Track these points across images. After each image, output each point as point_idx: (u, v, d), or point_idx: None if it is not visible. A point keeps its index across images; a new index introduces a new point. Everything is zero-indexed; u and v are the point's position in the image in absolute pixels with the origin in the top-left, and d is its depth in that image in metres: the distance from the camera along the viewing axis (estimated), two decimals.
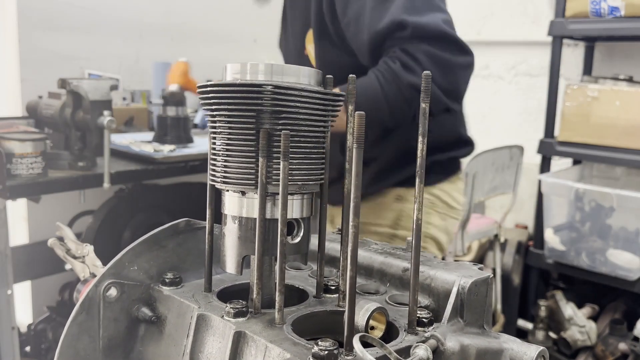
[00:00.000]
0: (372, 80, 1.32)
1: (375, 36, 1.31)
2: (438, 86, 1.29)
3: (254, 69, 0.66)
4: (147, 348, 0.73)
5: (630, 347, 2.25)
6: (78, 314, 0.70)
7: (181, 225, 0.78)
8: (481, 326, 0.67)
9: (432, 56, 1.27)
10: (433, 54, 1.27)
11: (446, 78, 1.29)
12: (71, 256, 0.91)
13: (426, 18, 1.27)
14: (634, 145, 2.25)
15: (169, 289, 0.73)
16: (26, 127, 1.79)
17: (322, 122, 0.67)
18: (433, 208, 1.57)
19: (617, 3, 2.26)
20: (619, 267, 2.28)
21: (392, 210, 1.54)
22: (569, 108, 2.40)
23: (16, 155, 1.60)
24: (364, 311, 0.60)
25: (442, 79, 1.29)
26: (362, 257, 0.78)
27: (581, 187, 2.35)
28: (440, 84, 1.29)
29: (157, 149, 2.02)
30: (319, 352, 0.53)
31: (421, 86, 0.61)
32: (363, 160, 0.54)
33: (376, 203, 1.55)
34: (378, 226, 1.56)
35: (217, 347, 0.64)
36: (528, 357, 0.61)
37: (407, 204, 1.54)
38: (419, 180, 0.60)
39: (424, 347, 0.57)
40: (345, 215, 0.69)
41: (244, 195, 0.66)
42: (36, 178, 1.64)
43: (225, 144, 0.66)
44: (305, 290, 0.74)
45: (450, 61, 1.29)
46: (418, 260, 0.61)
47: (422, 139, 0.60)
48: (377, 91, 1.31)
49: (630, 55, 2.76)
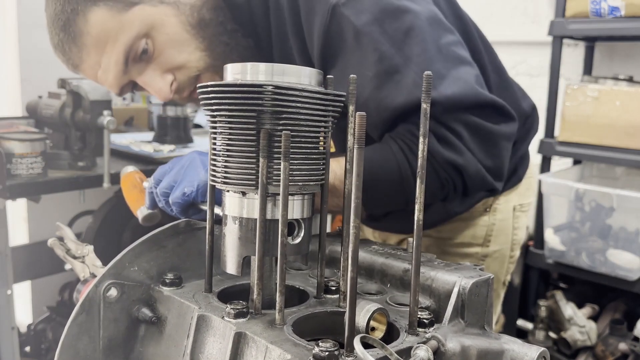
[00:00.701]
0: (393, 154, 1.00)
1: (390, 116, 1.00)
2: (482, 164, 1.01)
3: (255, 69, 0.66)
4: (147, 349, 0.73)
5: (631, 347, 2.25)
6: (78, 315, 0.69)
7: (181, 225, 0.78)
8: (482, 327, 0.67)
9: (473, 127, 0.99)
10: (474, 124, 0.99)
11: (490, 152, 1.02)
12: (71, 256, 0.91)
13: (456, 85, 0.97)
14: (634, 146, 2.25)
15: (169, 290, 0.73)
16: (26, 127, 1.79)
17: (322, 123, 0.67)
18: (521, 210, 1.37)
19: (617, 3, 2.26)
20: (619, 267, 2.28)
21: (481, 226, 1.30)
22: (569, 108, 2.39)
23: (16, 155, 1.60)
24: (365, 312, 0.60)
25: (486, 153, 1.02)
26: (362, 258, 0.78)
27: (581, 187, 2.35)
28: (483, 160, 1.01)
29: (157, 149, 2.02)
30: (320, 353, 0.53)
31: (423, 87, 0.61)
32: None
33: (462, 221, 1.29)
34: (467, 247, 1.31)
35: (218, 347, 0.64)
36: (529, 358, 0.61)
37: (497, 215, 1.30)
38: (419, 180, 0.60)
39: (425, 348, 0.57)
40: (345, 216, 0.69)
41: (245, 195, 0.66)
42: (36, 178, 1.64)
43: (225, 144, 0.66)
44: (306, 291, 0.74)
45: (493, 132, 1.01)
46: (419, 261, 0.60)
47: (422, 139, 0.60)
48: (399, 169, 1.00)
49: (631, 55, 2.76)
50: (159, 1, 1.05)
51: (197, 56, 1.08)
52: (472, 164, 1.00)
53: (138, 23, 1.03)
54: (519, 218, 1.35)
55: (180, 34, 1.07)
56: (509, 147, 1.06)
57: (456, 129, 0.98)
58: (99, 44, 1.04)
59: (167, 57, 1.07)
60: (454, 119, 0.98)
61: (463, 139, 0.99)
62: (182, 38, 1.07)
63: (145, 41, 1.05)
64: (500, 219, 1.30)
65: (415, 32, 0.97)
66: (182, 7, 1.07)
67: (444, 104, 0.96)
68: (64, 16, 1.04)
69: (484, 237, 1.31)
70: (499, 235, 1.32)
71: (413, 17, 0.98)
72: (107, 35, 1.03)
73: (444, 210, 1.24)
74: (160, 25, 1.05)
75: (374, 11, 0.97)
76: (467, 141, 0.99)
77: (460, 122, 0.98)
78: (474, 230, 1.30)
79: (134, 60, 1.06)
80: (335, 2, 0.97)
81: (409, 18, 0.97)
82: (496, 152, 1.03)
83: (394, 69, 0.96)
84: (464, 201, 1.24)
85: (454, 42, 1.03)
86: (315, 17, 0.99)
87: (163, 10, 1.05)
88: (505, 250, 1.34)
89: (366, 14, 0.97)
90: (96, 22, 1.03)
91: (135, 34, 1.03)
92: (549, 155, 2.53)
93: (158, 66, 1.09)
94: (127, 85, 1.13)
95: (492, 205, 1.29)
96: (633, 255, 2.26)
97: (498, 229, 1.31)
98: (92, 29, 1.03)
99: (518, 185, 1.32)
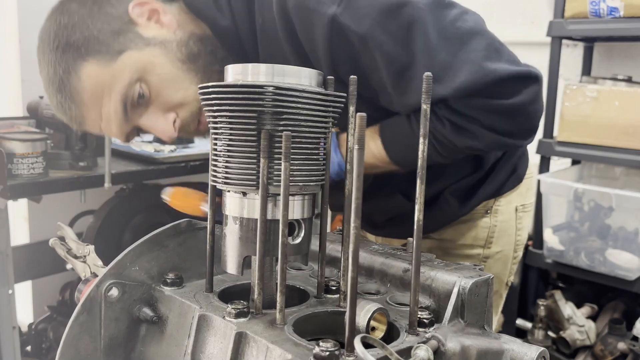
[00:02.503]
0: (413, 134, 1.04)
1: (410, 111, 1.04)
2: (506, 136, 1.03)
3: (256, 70, 0.66)
4: (148, 348, 0.73)
5: (629, 347, 2.25)
6: (79, 314, 0.70)
7: (182, 225, 0.78)
8: (482, 327, 0.68)
9: (489, 109, 0.99)
10: (489, 106, 0.98)
11: (513, 122, 1.02)
12: (72, 256, 0.91)
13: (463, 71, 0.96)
14: (633, 146, 2.25)
15: (170, 289, 0.73)
16: (27, 127, 1.79)
17: (323, 123, 0.67)
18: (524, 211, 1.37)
19: (616, 3, 2.26)
20: (618, 267, 2.28)
21: (482, 228, 1.30)
22: (568, 108, 2.40)
23: (17, 155, 1.60)
24: (365, 312, 0.60)
25: (509, 126, 1.02)
26: (362, 258, 0.79)
27: (580, 187, 2.35)
28: (507, 132, 1.03)
29: (158, 149, 2.02)
30: (320, 352, 0.53)
31: (423, 87, 0.61)
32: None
33: (463, 223, 1.29)
34: (469, 248, 1.32)
35: (219, 347, 0.64)
36: (528, 358, 0.62)
37: (498, 216, 1.30)
38: (419, 181, 0.60)
39: (425, 347, 0.57)
40: (346, 216, 0.69)
41: (245, 196, 0.66)
42: (37, 178, 1.64)
43: (226, 145, 0.66)
44: (306, 291, 0.74)
45: (512, 106, 0.99)
46: (419, 260, 0.61)
47: (423, 139, 0.60)
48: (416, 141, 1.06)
49: (629, 56, 2.77)
50: (144, 44, 1.05)
51: (194, 90, 1.06)
52: (493, 142, 1.03)
53: (128, 69, 1.03)
54: (522, 219, 1.35)
55: (173, 72, 1.06)
56: (537, 107, 1.04)
57: (471, 114, 0.99)
58: (95, 97, 1.04)
59: (164, 97, 1.06)
60: (468, 106, 0.98)
61: (480, 122, 0.99)
62: (175, 76, 1.06)
63: (140, 85, 1.04)
64: (501, 221, 1.30)
65: (416, 24, 0.96)
66: (169, 45, 1.06)
67: (454, 95, 0.96)
68: (57, 78, 1.04)
69: (486, 239, 1.31)
70: (501, 236, 1.31)
71: (411, 9, 0.96)
72: (102, 88, 1.03)
73: (445, 215, 1.24)
74: (151, 67, 1.04)
75: (372, 14, 0.96)
76: (485, 123, 1.00)
77: (475, 108, 0.98)
78: (475, 232, 1.30)
79: (132, 107, 1.05)
80: (333, 13, 0.95)
81: (407, 11, 0.96)
82: (521, 120, 1.03)
83: (404, 67, 0.96)
84: (465, 204, 1.25)
85: (457, 16, 1.01)
86: (315, 31, 0.97)
87: (150, 52, 1.05)
88: (508, 252, 1.34)
89: (366, 19, 0.96)
90: (88, 77, 1.03)
91: (128, 80, 1.03)
92: (547, 155, 2.53)
93: (158, 108, 1.08)
94: (131, 132, 1.12)
95: (493, 207, 1.29)
96: (632, 255, 2.26)
97: (500, 230, 1.31)
98: (85, 84, 1.03)
99: (519, 185, 1.32)
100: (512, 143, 1.07)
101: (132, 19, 1.06)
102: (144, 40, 1.05)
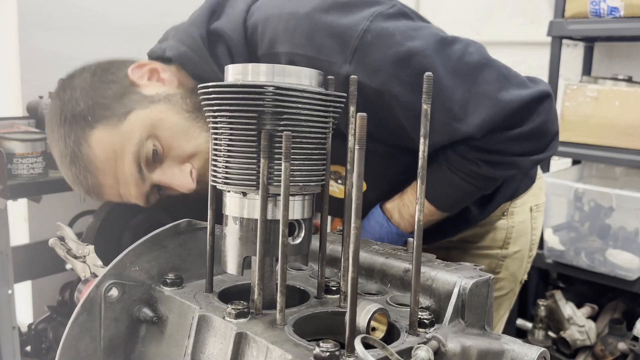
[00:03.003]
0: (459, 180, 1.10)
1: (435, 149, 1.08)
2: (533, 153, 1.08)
3: (256, 70, 0.66)
4: (148, 348, 0.73)
5: (630, 347, 2.25)
6: (79, 315, 0.70)
7: (182, 225, 0.78)
8: (482, 327, 0.68)
9: (516, 137, 1.03)
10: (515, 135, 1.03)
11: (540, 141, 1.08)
12: (72, 256, 0.91)
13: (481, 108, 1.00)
14: (633, 146, 2.25)
15: (170, 290, 0.73)
16: (27, 127, 1.79)
17: (323, 123, 0.67)
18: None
19: (617, 3, 2.26)
20: (618, 267, 2.28)
21: (500, 230, 1.35)
22: (569, 108, 2.39)
23: (17, 155, 1.60)
24: (365, 312, 0.60)
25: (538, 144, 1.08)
26: (363, 258, 0.79)
27: (580, 187, 2.35)
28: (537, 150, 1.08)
29: None
30: (321, 353, 0.53)
31: (423, 88, 0.61)
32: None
33: (481, 226, 1.34)
34: (487, 249, 1.36)
35: (219, 348, 0.64)
36: (529, 358, 0.62)
37: (515, 218, 1.34)
38: (420, 181, 0.60)
39: (425, 348, 0.57)
40: (346, 216, 0.69)
41: (245, 196, 0.66)
42: (37, 178, 1.64)
43: (226, 145, 0.66)
44: (307, 291, 0.74)
45: (535, 127, 1.03)
46: (419, 261, 0.61)
47: (423, 140, 0.60)
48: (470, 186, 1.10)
49: (630, 56, 2.76)
50: (149, 102, 1.06)
51: (204, 138, 1.08)
52: (531, 163, 1.09)
53: (137, 128, 1.04)
54: (536, 218, 1.39)
55: (182, 123, 1.07)
56: (554, 118, 1.08)
57: (499, 148, 1.04)
58: (108, 162, 1.05)
59: (177, 150, 1.07)
60: (494, 141, 1.03)
61: (511, 152, 1.05)
62: (184, 126, 1.07)
63: (152, 143, 1.05)
64: (519, 222, 1.34)
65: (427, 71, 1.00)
66: (174, 99, 1.07)
67: (478, 133, 1.00)
68: (69, 150, 1.05)
69: (504, 240, 1.35)
70: (519, 237, 1.35)
71: (421, 57, 0.99)
72: (113, 151, 1.04)
73: (465, 221, 1.27)
74: (159, 122, 1.05)
75: (384, 68, 0.98)
76: (515, 151, 1.05)
77: (501, 142, 1.03)
78: (494, 234, 1.34)
79: (147, 165, 1.06)
80: (345, 73, 0.97)
81: (418, 60, 0.99)
82: (544, 135, 1.07)
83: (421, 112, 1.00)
84: (484, 210, 1.28)
85: (462, 51, 1.03)
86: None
87: (156, 108, 1.06)
88: (524, 251, 1.38)
89: (379, 73, 0.98)
90: (99, 143, 1.03)
91: (138, 139, 1.03)
92: None
93: (173, 161, 1.08)
94: (152, 193, 1.12)
95: (509, 209, 1.33)
96: (632, 255, 2.26)
97: (517, 231, 1.34)
98: (97, 151, 1.04)
99: (532, 186, 1.36)
100: (546, 156, 1.10)
101: (133, 82, 1.08)
102: (147, 98, 1.06)
